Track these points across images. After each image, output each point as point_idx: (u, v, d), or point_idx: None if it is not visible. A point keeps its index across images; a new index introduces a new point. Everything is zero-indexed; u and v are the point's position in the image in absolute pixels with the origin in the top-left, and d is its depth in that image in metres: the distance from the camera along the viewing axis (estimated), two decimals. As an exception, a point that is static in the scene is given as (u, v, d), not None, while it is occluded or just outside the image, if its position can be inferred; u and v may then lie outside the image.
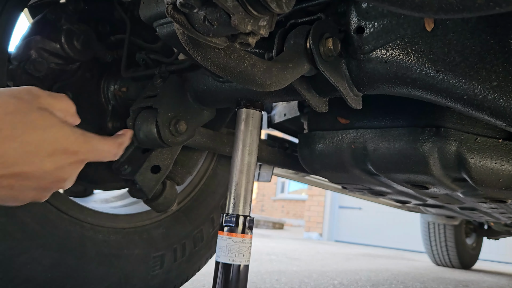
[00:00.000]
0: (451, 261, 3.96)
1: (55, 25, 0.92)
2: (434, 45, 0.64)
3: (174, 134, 0.85)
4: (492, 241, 4.65)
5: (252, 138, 0.85)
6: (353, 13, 0.69)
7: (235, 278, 0.78)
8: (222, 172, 1.32)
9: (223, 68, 0.57)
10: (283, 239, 6.29)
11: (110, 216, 1.03)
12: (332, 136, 1.05)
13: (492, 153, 0.89)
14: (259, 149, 1.00)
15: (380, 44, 0.67)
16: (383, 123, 0.97)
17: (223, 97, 0.87)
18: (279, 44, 0.69)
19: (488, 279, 3.48)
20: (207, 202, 1.26)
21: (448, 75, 0.63)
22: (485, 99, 0.61)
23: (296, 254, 3.84)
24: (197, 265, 1.25)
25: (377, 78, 0.70)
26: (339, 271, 2.82)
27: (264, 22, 0.47)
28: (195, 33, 0.49)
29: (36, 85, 0.89)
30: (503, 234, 3.99)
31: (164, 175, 0.97)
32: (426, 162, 0.90)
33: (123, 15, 0.98)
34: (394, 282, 2.51)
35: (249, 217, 0.81)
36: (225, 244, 0.78)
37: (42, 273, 0.85)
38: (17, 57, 0.88)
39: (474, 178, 0.90)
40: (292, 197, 13.55)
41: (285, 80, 0.63)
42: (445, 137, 0.88)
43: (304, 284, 2.02)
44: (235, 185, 0.82)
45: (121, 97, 1.03)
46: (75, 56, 0.93)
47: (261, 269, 2.44)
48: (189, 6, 0.46)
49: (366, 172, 1.05)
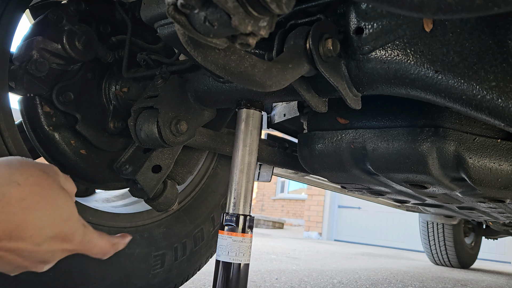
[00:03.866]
0: (449, 260, 3.96)
1: (57, 25, 0.92)
2: (433, 45, 0.64)
3: (175, 134, 0.86)
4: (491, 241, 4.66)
5: (252, 138, 0.85)
6: (352, 14, 0.69)
7: (236, 277, 0.78)
8: (222, 171, 1.32)
9: (224, 69, 0.57)
10: (283, 239, 6.30)
11: (111, 215, 1.03)
12: (332, 136, 1.05)
13: (491, 153, 0.90)
14: (259, 149, 1.01)
15: (379, 44, 0.68)
16: (382, 123, 0.98)
17: (223, 98, 0.88)
18: (279, 44, 0.69)
19: (487, 278, 3.49)
20: (207, 202, 1.27)
21: (446, 75, 0.63)
22: (483, 99, 0.62)
23: (296, 253, 3.85)
24: (197, 264, 1.25)
25: (376, 79, 0.70)
26: (338, 270, 2.83)
27: (264, 23, 0.47)
28: (195, 34, 0.49)
29: (38, 85, 0.90)
30: (501, 233, 4.00)
31: (165, 175, 0.97)
32: (425, 162, 0.91)
33: (124, 16, 0.98)
34: (393, 281, 2.51)
35: (249, 216, 0.81)
36: (226, 243, 0.79)
37: (43, 273, 0.85)
38: (19, 58, 0.88)
39: (473, 178, 0.90)
40: (292, 196, 13.55)
41: (285, 80, 0.63)
42: (443, 137, 0.88)
43: (303, 283, 2.03)
44: (235, 185, 0.83)
45: (122, 97, 1.04)
46: (77, 57, 0.93)
47: (261, 268, 2.45)
48: (190, 7, 0.46)
49: (365, 172, 1.05)
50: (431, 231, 3.89)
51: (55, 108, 0.94)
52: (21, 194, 0.48)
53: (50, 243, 0.51)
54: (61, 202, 0.52)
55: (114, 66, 1.05)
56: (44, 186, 0.51)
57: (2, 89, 0.80)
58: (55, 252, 0.53)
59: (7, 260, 0.50)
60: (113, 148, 1.05)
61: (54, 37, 0.91)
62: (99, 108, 1.04)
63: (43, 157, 0.98)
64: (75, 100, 0.98)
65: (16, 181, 0.49)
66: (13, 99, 0.89)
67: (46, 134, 0.94)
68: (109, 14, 1.03)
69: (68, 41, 0.91)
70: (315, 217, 8.73)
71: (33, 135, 0.94)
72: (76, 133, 0.98)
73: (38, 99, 0.92)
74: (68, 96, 0.96)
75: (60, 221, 0.52)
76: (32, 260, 0.52)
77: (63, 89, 0.95)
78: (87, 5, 0.97)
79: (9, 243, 0.48)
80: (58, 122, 0.95)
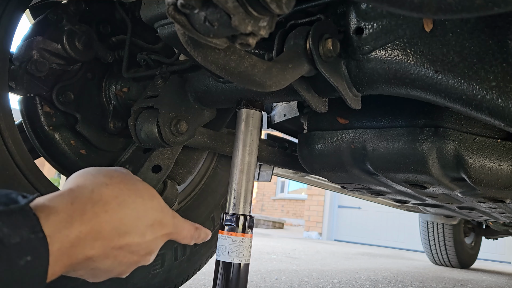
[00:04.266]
0: (450, 260, 3.96)
1: (57, 25, 0.92)
2: (433, 45, 0.64)
3: (175, 134, 0.86)
4: (491, 241, 4.66)
5: (252, 138, 0.85)
6: (352, 14, 0.69)
7: (236, 277, 0.78)
8: (222, 171, 1.32)
9: (224, 69, 0.57)
10: (283, 239, 6.30)
11: (111, 216, 1.03)
12: (332, 136, 1.05)
13: (491, 153, 0.90)
14: (259, 149, 1.01)
15: (379, 44, 0.68)
16: (382, 123, 0.98)
17: (223, 98, 0.88)
18: (279, 44, 0.69)
19: (487, 278, 3.49)
20: (207, 202, 1.27)
21: (447, 75, 0.63)
22: (483, 99, 0.62)
23: (296, 253, 3.85)
24: (197, 264, 1.25)
25: (376, 79, 0.70)
26: (338, 270, 2.83)
27: (264, 23, 0.47)
28: (195, 34, 0.49)
29: (38, 85, 0.90)
30: (501, 233, 4.00)
31: (165, 175, 0.97)
32: (425, 162, 0.91)
33: (124, 16, 0.98)
34: (393, 281, 2.51)
35: (249, 216, 0.81)
36: (226, 243, 0.79)
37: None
38: (18, 58, 0.88)
39: (473, 178, 0.90)
40: (292, 196, 13.56)
41: (285, 80, 0.63)
42: (443, 137, 0.88)
43: (303, 283, 2.03)
44: (235, 185, 0.83)
45: (122, 97, 1.04)
46: (77, 57, 0.93)
47: (261, 268, 2.45)
48: (190, 7, 0.46)
49: (365, 172, 1.06)
50: (431, 231, 3.89)
51: (55, 108, 0.94)
52: (113, 192, 0.50)
53: (152, 231, 0.54)
54: (145, 192, 0.54)
55: (114, 66, 1.05)
56: (127, 181, 0.54)
57: (2, 89, 0.80)
58: (157, 239, 0.56)
59: (120, 260, 0.51)
60: (113, 148, 1.05)
61: (54, 37, 0.91)
62: (99, 108, 1.04)
63: (43, 157, 0.98)
64: (75, 100, 0.98)
65: (104, 182, 0.51)
66: (13, 99, 0.89)
67: (46, 134, 0.94)
68: (109, 14, 1.03)
69: (68, 41, 0.91)
70: (315, 217, 8.73)
71: (33, 135, 0.94)
72: (76, 133, 0.98)
73: (38, 99, 0.92)
74: (68, 96, 0.96)
75: (153, 209, 0.54)
76: (141, 253, 0.54)
77: (63, 89, 0.95)
78: (87, 5, 0.97)
79: (119, 240, 0.50)
80: (58, 122, 0.95)
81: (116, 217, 0.49)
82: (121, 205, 0.50)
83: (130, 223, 0.50)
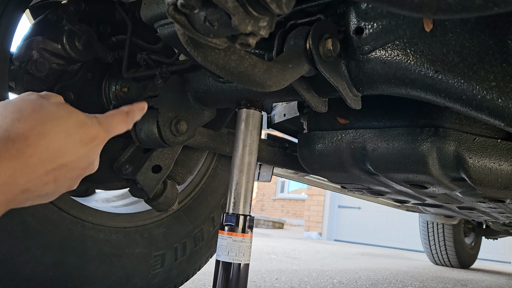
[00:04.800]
0: (450, 260, 3.96)
1: (57, 25, 0.92)
2: (433, 45, 0.64)
3: (175, 134, 0.86)
4: (491, 241, 4.66)
5: (252, 138, 0.85)
6: (352, 14, 0.69)
7: (236, 277, 0.78)
8: (222, 171, 1.32)
9: (224, 69, 0.57)
10: (283, 239, 6.30)
11: (111, 215, 1.03)
12: (332, 136, 1.05)
13: (491, 153, 0.90)
14: (259, 149, 1.01)
15: (379, 44, 0.68)
16: (382, 123, 0.98)
17: (223, 98, 0.88)
18: (279, 44, 0.69)
19: (487, 278, 3.49)
20: (207, 202, 1.27)
21: (446, 75, 0.63)
22: (483, 99, 0.62)
23: (296, 253, 3.85)
24: (197, 264, 1.25)
25: (376, 79, 0.70)
26: (338, 270, 2.83)
27: (264, 23, 0.47)
28: (195, 34, 0.49)
29: (38, 86, 0.90)
30: (501, 233, 4.00)
31: (165, 175, 0.97)
32: (425, 162, 0.91)
33: (124, 16, 0.98)
34: (393, 281, 2.51)
35: (249, 216, 0.81)
36: (226, 243, 0.79)
37: (44, 272, 0.86)
38: (18, 58, 0.88)
39: (473, 178, 0.90)
40: (292, 196, 13.56)
41: (285, 80, 0.63)
42: (443, 137, 0.88)
43: (303, 283, 2.03)
44: (235, 185, 0.83)
45: (122, 97, 1.04)
46: (77, 57, 0.93)
47: (261, 268, 2.45)
48: (190, 7, 0.46)
49: (365, 172, 1.06)
50: (431, 231, 3.89)
51: (55, 108, 0.94)
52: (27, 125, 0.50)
53: (83, 146, 0.54)
54: (60, 112, 0.54)
55: (114, 66, 1.05)
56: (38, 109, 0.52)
57: (2, 89, 0.80)
58: (92, 149, 0.56)
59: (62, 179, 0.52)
60: (113, 148, 1.05)
61: (54, 37, 0.91)
62: (99, 108, 1.04)
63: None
64: (75, 100, 0.98)
65: (16, 118, 0.50)
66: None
67: (46, 134, 0.93)
68: (109, 14, 1.03)
69: (68, 41, 0.91)
70: (315, 217, 8.73)
71: (33, 135, 0.94)
72: (76, 133, 0.98)
73: (38, 99, 0.91)
74: (68, 96, 0.96)
75: (74, 126, 0.54)
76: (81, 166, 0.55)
77: (63, 89, 0.95)
78: (87, 5, 0.96)
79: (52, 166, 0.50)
80: (58, 122, 0.95)
81: (40, 148, 0.49)
82: (40, 135, 0.50)
83: (56, 148, 0.51)
